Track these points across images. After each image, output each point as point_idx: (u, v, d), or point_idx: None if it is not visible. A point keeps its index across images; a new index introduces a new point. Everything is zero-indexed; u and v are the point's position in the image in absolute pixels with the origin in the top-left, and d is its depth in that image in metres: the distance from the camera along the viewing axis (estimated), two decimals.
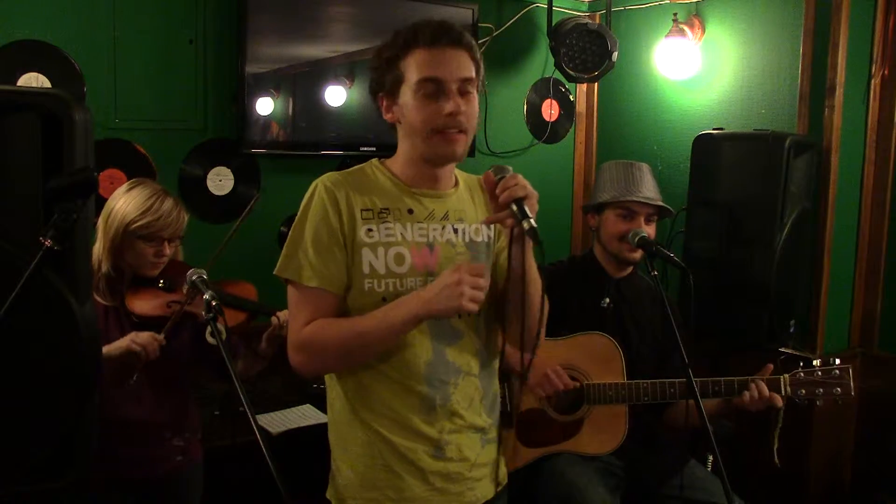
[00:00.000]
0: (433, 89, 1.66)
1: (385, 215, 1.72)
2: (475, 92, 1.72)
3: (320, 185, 1.73)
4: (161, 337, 2.11)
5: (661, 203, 2.58)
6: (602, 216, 2.60)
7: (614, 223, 2.55)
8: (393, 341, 1.67)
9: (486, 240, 1.81)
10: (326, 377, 1.84)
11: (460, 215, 1.79)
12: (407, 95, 1.69)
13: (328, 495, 1.83)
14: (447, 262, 1.73)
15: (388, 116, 1.75)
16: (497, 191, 1.59)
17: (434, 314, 1.62)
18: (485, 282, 1.61)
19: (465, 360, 1.77)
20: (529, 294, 1.72)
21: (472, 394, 1.78)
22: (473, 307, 1.59)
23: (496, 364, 1.87)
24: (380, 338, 1.66)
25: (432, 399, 1.72)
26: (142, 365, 2.09)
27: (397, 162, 1.79)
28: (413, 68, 1.68)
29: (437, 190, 1.78)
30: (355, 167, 1.81)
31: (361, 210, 1.71)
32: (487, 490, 1.84)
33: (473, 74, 1.71)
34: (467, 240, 1.78)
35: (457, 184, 1.83)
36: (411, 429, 1.72)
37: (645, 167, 2.64)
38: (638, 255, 2.51)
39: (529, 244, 1.68)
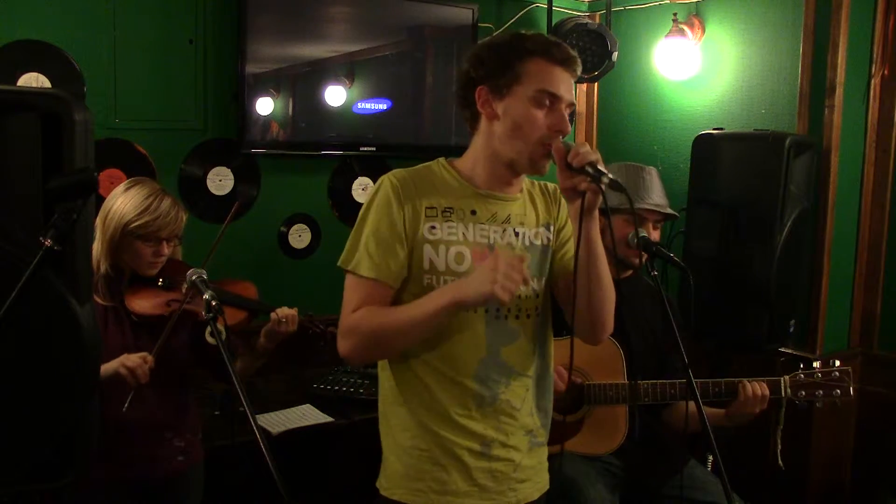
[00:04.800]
0: (548, 102, 1.69)
1: (449, 214, 1.74)
2: None
3: (387, 180, 1.75)
4: (151, 359, 2.09)
5: (670, 211, 2.59)
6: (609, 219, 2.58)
7: (622, 228, 2.54)
8: (431, 328, 1.68)
9: (545, 243, 1.84)
10: (379, 368, 1.86)
11: (522, 219, 1.81)
12: (519, 97, 1.70)
13: (377, 484, 1.85)
14: None
15: (484, 110, 1.74)
16: (569, 158, 1.62)
17: (466, 300, 1.61)
18: (522, 274, 1.59)
19: (519, 360, 1.79)
20: (599, 270, 1.74)
21: (522, 395, 1.80)
22: (505, 296, 1.55)
23: (552, 367, 1.90)
24: (417, 323, 1.66)
25: (482, 396, 1.75)
26: (132, 387, 2.07)
27: (467, 161, 1.81)
28: (535, 75, 1.70)
29: (505, 193, 1.80)
30: (422, 165, 1.83)
31: (426, 208, 1.74)
32: (530, 493, 1.85)
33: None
34: (527, 243, 1.80)
35: (522, 189, 1.85)
36: (459, 424, 1.74)
37: (654, 171, 2.64)
38: (643, 259, 2.51)
39: (596, 222, 1.71)
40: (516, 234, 1.79)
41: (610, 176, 1.58)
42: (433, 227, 1.73)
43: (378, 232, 1.71)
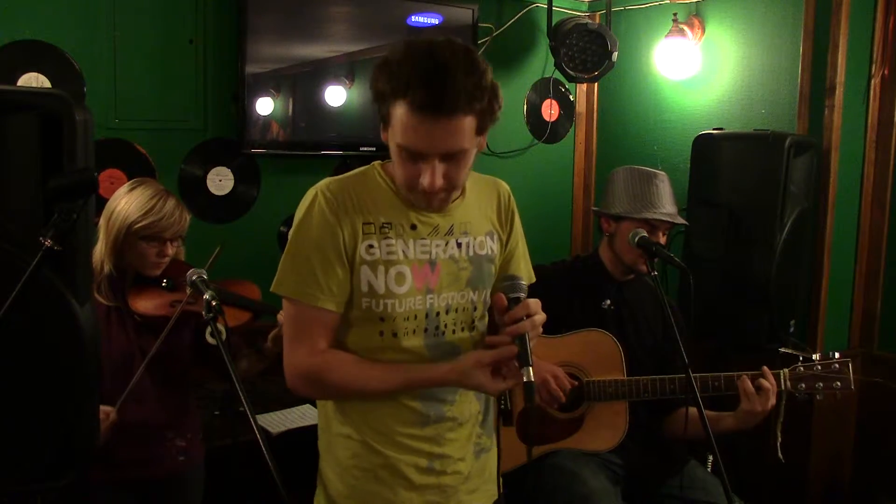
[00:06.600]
0: (411, 157, 1.53)
1: (387, 230, 1.63)
2: (467, 153, 1.55)
3: (320, 195, 1.62)
4: (114, 415, 2.04)
5: (680, 221, 2.57)
6: (620, 225, 2.56)
7: (629, 234, 2.52)
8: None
9: (489, 253, 1.75)
10: None
11: (465, 228, 1.71)
12: (391, 140, 1.56)
13: (316, 503, 1.78)
14: (448, 278, 1.68)
15: (382, 135, 1.60)
16: (505, 320, 1.56)
17: (463, 386, 1.65)
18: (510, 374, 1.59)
19: None
20: None
21: (470, 409, 1.74)
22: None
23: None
24: (394, 392, 1.65)
25: (426, 415, 1.68)
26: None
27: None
28: (396, 125, 1.51)
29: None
30: (357, 171, 1.70)
31: (363, 224, 1.62)
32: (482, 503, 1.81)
33: (464, 145, 1.52)
34: (471, 254, 1.71)
35: (463, 192, 1.71)
36: (403, 443, 1.68)
37: (665, 178, 2.59)
38: (650, 265, 2.50)
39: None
40: (458, 246, 1.69)
41: (531, 374, 1.51)
42: (371, 246, 1.61)
43: (316, 253, 1.59)
